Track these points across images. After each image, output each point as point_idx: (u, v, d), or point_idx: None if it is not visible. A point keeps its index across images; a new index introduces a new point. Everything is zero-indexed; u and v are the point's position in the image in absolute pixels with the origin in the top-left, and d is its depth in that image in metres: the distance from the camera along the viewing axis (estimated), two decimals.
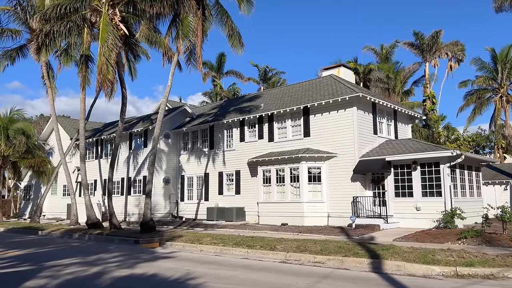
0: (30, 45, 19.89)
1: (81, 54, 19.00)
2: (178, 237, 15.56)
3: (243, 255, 12.03)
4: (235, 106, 25.22)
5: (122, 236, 16.55)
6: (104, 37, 15.40)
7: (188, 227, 20.57)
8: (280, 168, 19.73)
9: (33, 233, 21.03)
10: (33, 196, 35.36)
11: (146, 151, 25.59)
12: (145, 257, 11.86)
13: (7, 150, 29.82)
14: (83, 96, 19.96)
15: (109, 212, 19.23)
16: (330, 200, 18.59)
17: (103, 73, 15.16)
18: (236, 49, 18.08)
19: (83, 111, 20.00)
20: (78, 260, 11.35)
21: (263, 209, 20.37)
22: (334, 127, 18.85)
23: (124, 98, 18.26)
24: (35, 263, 10.89)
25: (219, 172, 23.68)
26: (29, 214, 35.14)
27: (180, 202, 25.71)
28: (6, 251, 13.59)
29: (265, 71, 41.64)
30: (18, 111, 30.89)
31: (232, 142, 23.39)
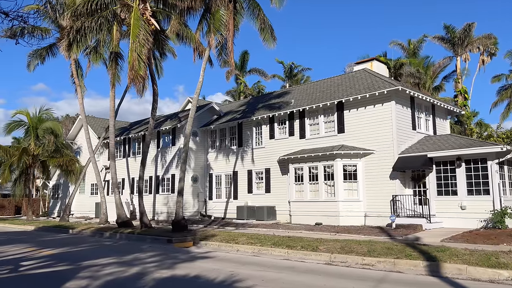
0: (60, 43, 19.83)
1: (111, 51, 18.82)
2: (211, 236, 15.14)
3: (283, 256, 11.49)
4: (263, 103, 24.68)
5: (153, 235, 16.25)
6: (136, 32, 15.10)
7: (218, 226, 20.16)
8: (313, 166, 19.08)
9: (63, 231, 21.03)
10: (61, 195, 35.71)
11: (174, 149, 25.34)
12: (182, 257, 11.45)
13: (36, 149, 30.14)
14: (113, 94, 19.77)
15: (139, 211, 18.99)
16: (367, 199, 17.83)
17: (134, 69, 14.85)
18: (268, 43, 17.53)
19: (113, 109, 19.82)
20: (115, 260, 11.03)
21: (295, 208, 19.76)
22: (371, 122, 18.07)
23: (155, 95, 17.98)
24: (72, 262, 10.61)
25: (248, 170, 23.18)
26: (58, 212, 35.52)
27: (208, 200, 25.34)
28: (40, 250, 13.43)
29: (291, 68, 40.98)
30: (46, 110, 31.17)
31: (261, 140, 22.86)
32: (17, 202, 44.44)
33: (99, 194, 24.21)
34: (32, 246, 14.50)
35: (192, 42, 17.27)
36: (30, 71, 23.68)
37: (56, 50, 23.57)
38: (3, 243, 15.63)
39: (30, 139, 30.66)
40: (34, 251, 13.24)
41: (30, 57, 23.59)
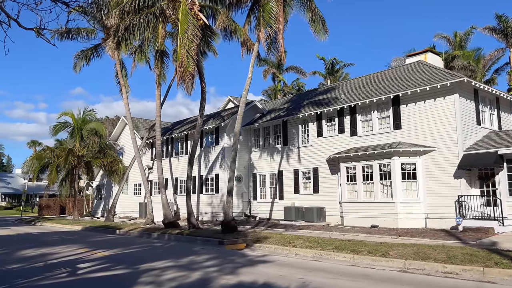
0: (106, 43, 19.84)
1: (157, 49, 18.54)
2: (264, 238, 14.46)
3: (349, 262, 10.62)
4: (309, 100, 23.80)
5: (203, 237, 15.75)
6: (184, 28, 14.67)
7: (266, 227, 19.49)
8: (367, 165, 18.03)
9: (110, 232, 20.98)
10: (105, 195, 36.20)
11: (218, 148, 24.91)
12: (240, 261, 10.82)
13: (81, 150, 30.59)
14: (159, 93, 19.52)
15: (187, 211, 18.62)
16: (428, 200, 16.60)
17: (183, 66, 14.41)
18: (319, 35, 16.68)
19: (159, 108, 19.56)
20: (172, 263, 10.54)
21: (347, 210, 18.78)
22: (431, 117, 16.83)
23: (203, 92, 17.51)
24: (129, 266, 10.19)
25: (294, 169, 22.38)
26: (101, 212, 36.05)
27: (252, 201, 24.74)
28: (93, 251, 13.19)
29: (332, 64, 39.81)
30: (90, 111, 31.60)
31: (307, 138, 22.00)
32: (62, 202, 45.68)
33: (145, 194, 24.13)
34: (84, 247, 14.34)
35: (240, 37, 16.68)
36: (76, 72, 23.96)
37: (101, 50, 23.71)
38: (56, 244, 15.59)
39: (74, 140, 31.17)
40: (87, 252, 13.02)
41: (76, 58, 23.86)
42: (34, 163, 30.37)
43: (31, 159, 31.02)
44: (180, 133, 27.23)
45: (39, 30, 9.52)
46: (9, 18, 8.76)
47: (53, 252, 13.07)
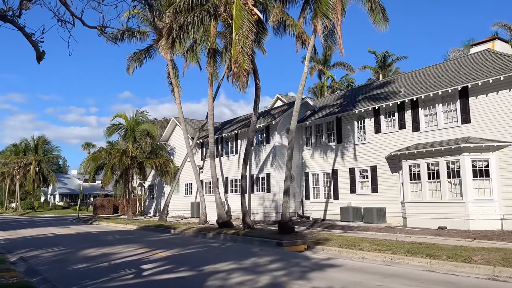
0: (158, 44, 19.96)
1: (209, 48, 18.38)
2: (324, 240, 13.78)
3: (426, 267, 9.72)
4: (364, 95, 22.77)
5: (260, 237, 15.31)
6: (238, 24, 14.32)
7: (322, 228, 18.79)
8: (433, 162, 16.84)
9: (165, 231, 21.10)
10: (157, 195, 36.89)
11: (269, 147, 24.46)
12: (305, 264, 10.26)
13: (134, 151, 31.25)
14: (211, 92, 19.37)
15: (242, 211, 18.30)
16: (504, 199, 15.19)
17: (239, 63, 14.05)
18: (379, 24, 15.76)
19: (211, 108, 19.41)
20: (235, 265, 10.16)
21: (410, 210, 17.65)
22: (505, 109, 15.39)
23: (258, 89, 17.13)
24: (192, 267, 9.92)
25: (349, 168, 21.46)
26: (153, 212, 36.78)
27: (305, 200, 24.07)
28: (153, 251, 13.12)
29: (384, 58, 38.21)
30: (142, 113, 32.23)
31: (364, 134, 21.02)
32: (115, 201, 47.23)
33: (198, 194, 24.17)
34: (143, 247, 14.34)
35: (295, 30, 16.10)
36: (129, 74, 24.44)
37: (153, 52, 24.01)
38: (116, 243, 15.78)
39: (127, 142, 31.92)
40: (148, 252, 12.96)
41: (129, 60, 24.33)
42: (90, 164, 31.43)
43: (87, 160, 32.13)
44: (230, 132, 27.05)
45: (102, 28, 9.43)
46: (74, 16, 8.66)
47: (114, 252, 13.14)
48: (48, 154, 65.89)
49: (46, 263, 11.06)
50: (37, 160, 61.71)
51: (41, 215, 53.39)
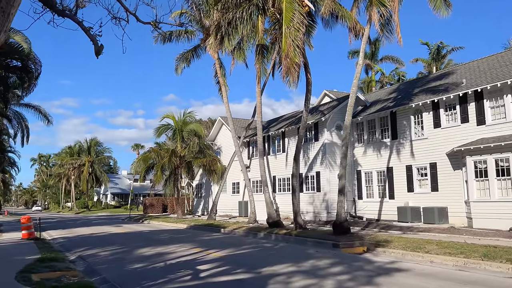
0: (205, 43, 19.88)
1: (257, 44, 18.01)
2: (385, 242, 12.95)
3: (507, 273, 8.74)
4: (420, 87, 21.48)
5: (314, 238, 14.71)
6: (289, 16, 13.81)
7: (379, 229, 17.86)
8: (502, 158, 15.45)
9: (215, 230, 21.00)
10: (204, 194, 37.17)
11: (318, 145, 23.74)
12: (369, 268, 9.56)
13: (182, 150, 31.59)
14: (259, 89, 19.01)
15: (293, 211, 17.79)
16: None
17: (289, 57, 13.53)
18: (439, 11, 14.66)
19: (260, 105, 19.04)
20: (293, 268, 9.66)
21: (476, 210, 16.32)
22: None
23: (309, 84, 16.53)
24: (250, 269, 9.54)
25: (406, 165, 20.30)
26: (201, 211, 37.09)
27: (357, 200, 23.12)
28: (206, 251, 12.91)
29: (438, 49, 36.15)
30: (189, 113, 32.52)
31: (422, 130, 19.79)
32: (164, 200, 48.25)
33: (245, 193, 23.90)
34: (196, 246, 14.19)
35: (348, 21, 15.33)
36: (178, 74, 24.64)
37: (200, 51, 24.06)
38: (168, 242, 15.78)
39: (176, 142, 32.33)
40: (201, 252, 12.77)
41: (178, 61, 24.54)
42: (140, 164, 32.15)
43: (138, 161, 32.92)
44: (277, 130, 26.57)
45: (155, 23, 9.23)
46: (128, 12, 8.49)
47: (168, 251, 13.07)
48: (100, 155, 68.76)
49: (103, 262, 11.13)
50: (90, 161, 64.49)
51: (94, 214, 55.70)
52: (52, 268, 9.83)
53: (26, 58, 10.99)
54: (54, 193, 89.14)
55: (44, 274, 9.07)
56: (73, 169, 65.92)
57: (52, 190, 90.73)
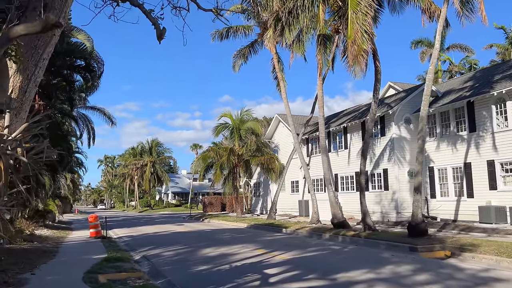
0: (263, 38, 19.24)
1: (318, 34, 17.03)
2: (470, 245, 11.47)
3: None
4: (501, 74, 19.28)
5: (386, 240, 13.50)
6: (356, 1, 12.73)
7: (458, 231, 16.19)
8: None
9: (276, 230, 20.31)
10: (262, 193, 36.69)
11: (384, 140, 22.22)
12: (461, 277, 8.33)
13: (240, 149, 31.31)
14: (320, 82, 18.00)
15: (362, 211, 16.61)
16: None
17: (357, 44, 12.46)
18: None
19: (322, 99, 18.03)
20: (371, 274, 8.67)
21: None
22: None
23: (378, 73, 15.25)
24: (323, 275, 8.69)
25: (487, 160, 18.26)
26: (260, 210, 36.64)
27: (430, 199, 21.29)
28: (271, 253, 12.22)
29: None
30: (246, 111, 32.19)
31: (506, 121, 17.68)
32: (222, 199, 48.54)
33: (305, 192, 23.00)
34: (260, 247, 13.56)
35: (421, 2, 13.92)
36: (235, 71, 24.33)
37: (257, 46, 23.50)
38: (231, 242, 15.32)
39: (234, 140, 32.13)
40: (266, 254, 12.09)
41: (235, 58, 24.19)
42: (200, 163, 32.35)
43: (197, 160, 33.17)
44: (338, 126, 25.32)
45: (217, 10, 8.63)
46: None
47: (232, 252, 12.55)
48: (160, 156, 71.07)
49: (168, 263, 10.82)
50: (152, 161, 66.80)
51: (156, 212, 57.50)
52: (118, 268, 9.66)
53: (89, 56, 11.08)
54: (119, 193, 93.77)
55: (110, 275, 8.87)
56: (136, 169, 68.69)
57: (117, 190, 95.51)
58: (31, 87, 4.97)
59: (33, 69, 4.89)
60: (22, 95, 4.97)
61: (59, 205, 26.74)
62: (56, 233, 20.36)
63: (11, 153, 4.43)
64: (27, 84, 4.89)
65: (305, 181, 29.98)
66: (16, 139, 4.53)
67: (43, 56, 4.89)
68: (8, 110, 4.51)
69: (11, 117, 4.69)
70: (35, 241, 15.33)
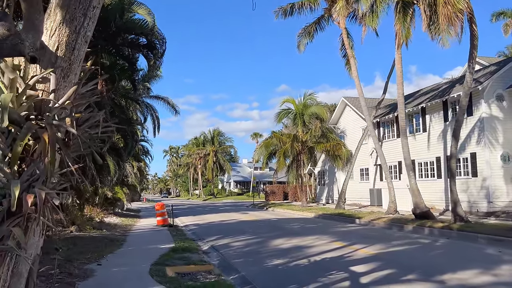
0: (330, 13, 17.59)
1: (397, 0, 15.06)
2: None
3: None
4: None
5: (486, 234, 11.52)
6: None
7: None
8: None
9: (349, 221, 18.77)
10: (328, 181, 35.04)
11: (472, 120, 19.63)
12: None
13: (304, 135, 29.89)
14: (399, 56, 16.03)
15: (451, 200, 14.63)
16: None
17: (451, 3, 10.51)
18: None
19: (400, 75, 16.05)
20: (487, 276, 7.04)
21: None
22: None
23: (474, 38, 12.95)
24: (425, 275, 7.19)
25: None
26: (325, 199, 35.05)
27: None
28: (350, 246, 10.82)
29: None
30: (310, 95, 30.60)
31: None
32: (284, 188, 47.50)
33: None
34: (336, 239, 12.20)
35: None
36: (300, 52, 22.82)
37: (324, 22, 21.78)
38: (302, 233, 14.10)
39: (297, 126, 30.78)
40: (345, 247, 10.73)
41: (300, 37, 22.65)
42: (262, 150, 31.41)
43: (260, 147, 32.30)
44: (415, 107, 22.91)
45: None
46: None
47: (306, 244, 11.35)
48: (222, 145, 71.59)
49: (239, 255, 9.87)
50: (214, 150, 67.44)
51: (219, 200, 57.93)
52: (186, 260, 8.88)
53: (151, 33, 10.38)
54: (183, 182, 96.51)
55: (178, 268, 8.08)
56: (199, 159, 69.88)
57: (182, 179, 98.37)
58: (80, 43, 3.97)
59: (82, 20, 3.89)
60: (70, 53, 3.97)
61: (127, 193, 27.23)
62: (125, 220, 20.49)
63: (58, 123, 3.46)
64: (75, 39, 3.89)
65: (376, 168, 27.90)
66: (64, 107, 3.57)
67: (93, 3, 3.86)
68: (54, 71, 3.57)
69: (57, 79, 3.73)
70: (104, 228, 15.25)
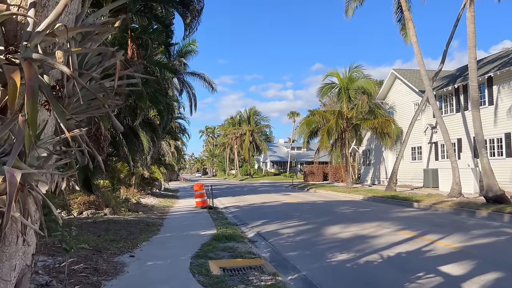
0: None
1: None
2: None
3: None
4: None
5: None
6: None
7: None
8: None
9: (404, 204, 16.88)
10: (374, 161, 32.89)
11: None
12: None
13: (349, 112, 27.79)
14: (471, 14, 13.67)
15: None
16: None
17: None
18: None
19: (473, 36, 13.71)
20: None
21: None
22: None
23: None
24: None
25: None
26: (371, 180, 33.02)
27: None
28: (423, 237, 9.07)
29: None
30: (356, 68, 28.26)
31: None
32: (324, 168, 45.62)
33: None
34: (401, 228, 10.43)
35: None
36: (348, 17, 20.69)
37: None
38: (358, 219, 12.40)
39: (342, 102, 28.69)
40: (416, 238, 9.00)
41: (349, 0, 20.47)
42: (304, 128, 29.61)
43: (301, 125, 30.47)
44: (481, 76, 20.26)
45: None
46: None
47: (368, 233, 9.69)
48: (258, 125, 70.17)
49: (292, 247, 8.38)
50: (250, 130, 66.20)
51: (256, 181, 56.87)
52: (232, 251, 7.51)
53: None
54: (220, 162, 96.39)
55: (224, 262, 6.73)
56: (235, 138, 68.92)
57: (218, 159, 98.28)
58: None
59: None
60: None
61: (164, 172, 26.42)
62: (162, 201, 19.57)
63: (41, 57, 1.92)
64: None
65: (430, 146, 25.52)
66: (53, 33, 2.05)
67: None
68: None
69: None
70: (140, 211, 14.24)
